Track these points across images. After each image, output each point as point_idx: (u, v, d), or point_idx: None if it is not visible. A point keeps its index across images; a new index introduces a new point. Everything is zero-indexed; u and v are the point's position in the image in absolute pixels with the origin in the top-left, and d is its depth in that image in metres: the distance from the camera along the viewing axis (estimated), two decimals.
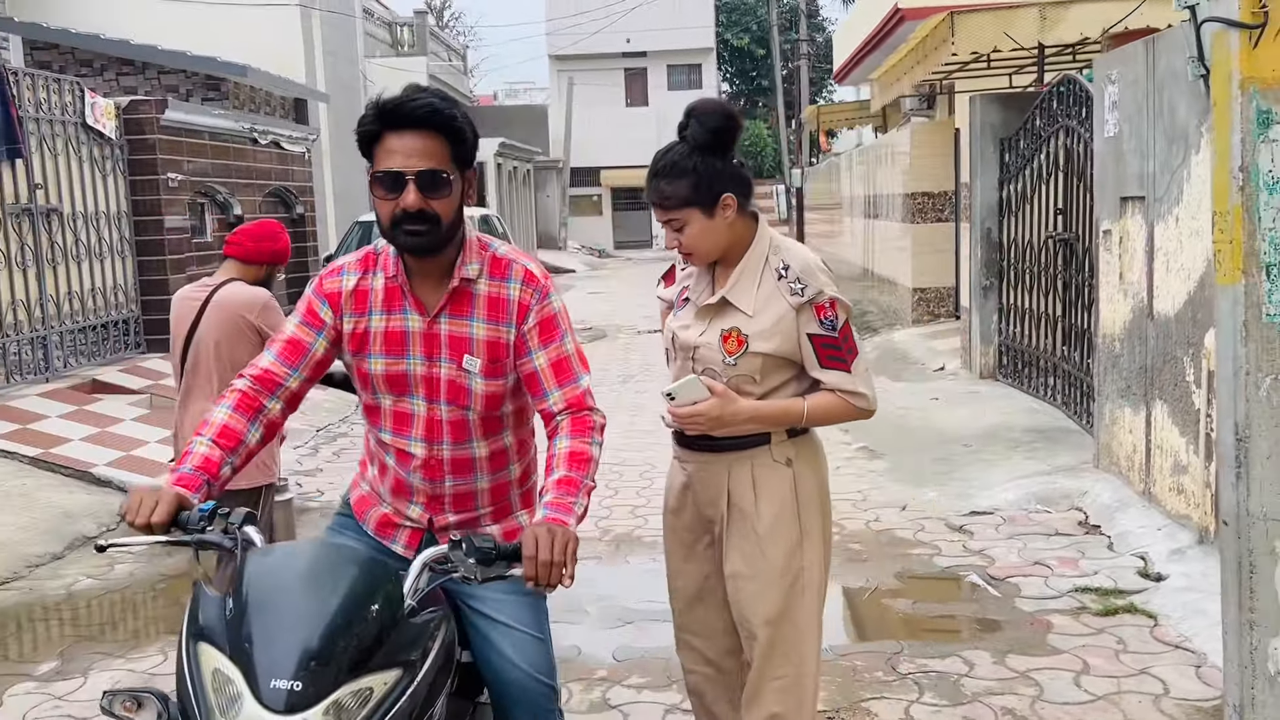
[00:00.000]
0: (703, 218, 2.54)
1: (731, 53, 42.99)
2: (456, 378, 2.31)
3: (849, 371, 2.56)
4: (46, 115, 8.70)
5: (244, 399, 2.27)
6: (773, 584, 2.59)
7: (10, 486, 6.46)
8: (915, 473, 6.80)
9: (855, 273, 18.06)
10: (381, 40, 24.38)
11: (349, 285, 2.34)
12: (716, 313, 2.60)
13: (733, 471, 2.61)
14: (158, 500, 1.99)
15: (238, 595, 1.78)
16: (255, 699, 1.67)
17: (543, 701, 2.36)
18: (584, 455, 2.23)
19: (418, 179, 2.15)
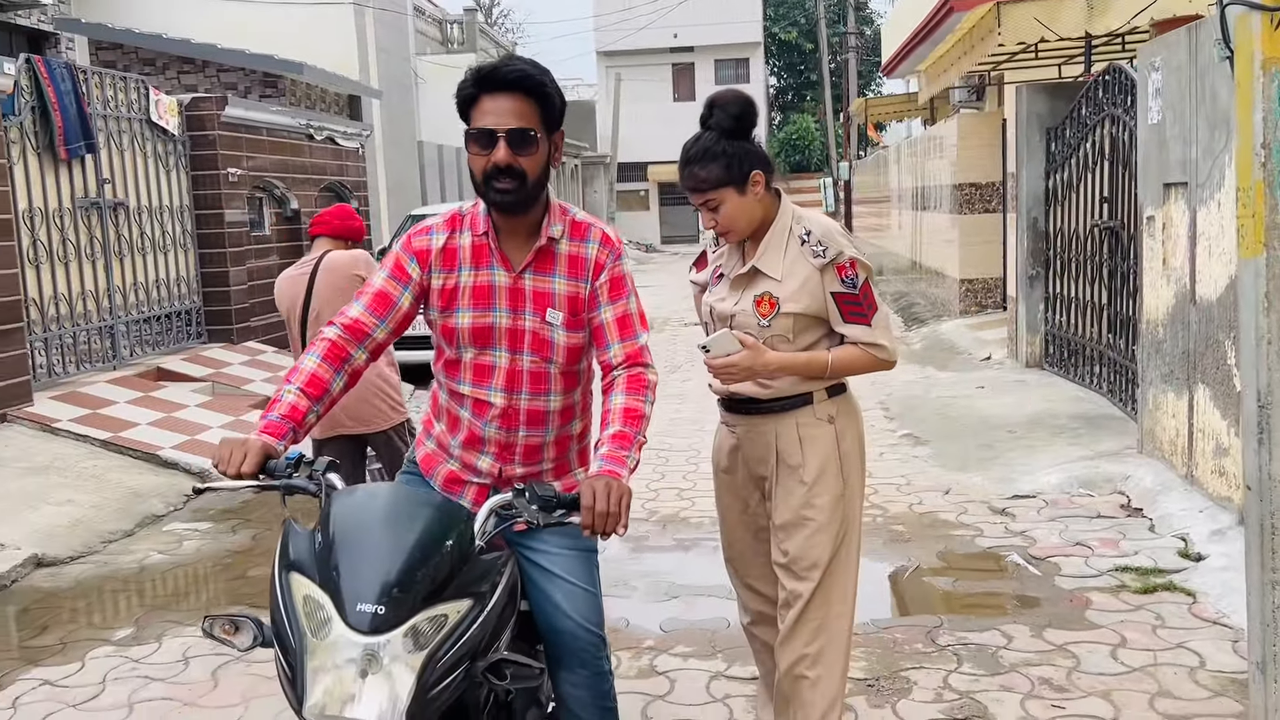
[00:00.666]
0: (736, 196, 2.74)
1: (780, 47, 42.95)
2: (540, 330, 2.46)
3: (869, 325, 2.77)
4: (114, 112, 9.01)
5: (333, 348, 2.41)
6: (820, 532, 2.80)
7: (84, 468, 6.74)
8: (959, 458, 6.88)
9: (903, 265, 18.05)
10: (432, 38, 24.69)
11: (438, 243, 2.49)
12: (749, 281, 2.81)
13: (780, 430, 2.81)
14: (246, 451, 2.16)
15: (325, 531, 1.96)
16: (343, 621, 1.85)
17: (592, 650, 2.51)
18: (637, 412, 2.38)
19: (508, 136, 2.32)
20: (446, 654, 1.89)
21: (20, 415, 7.23)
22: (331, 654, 1.85)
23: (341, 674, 1.84)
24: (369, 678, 1.84)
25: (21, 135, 7.88)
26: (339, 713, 1.82)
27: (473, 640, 1.95)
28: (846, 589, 2.88)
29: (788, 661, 2.85)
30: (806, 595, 2.82)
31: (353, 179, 12.92)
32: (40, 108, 8.06)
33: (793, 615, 2.84)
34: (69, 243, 8.41)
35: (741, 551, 3.05)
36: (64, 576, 5.42)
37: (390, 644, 1.85)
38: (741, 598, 3.14)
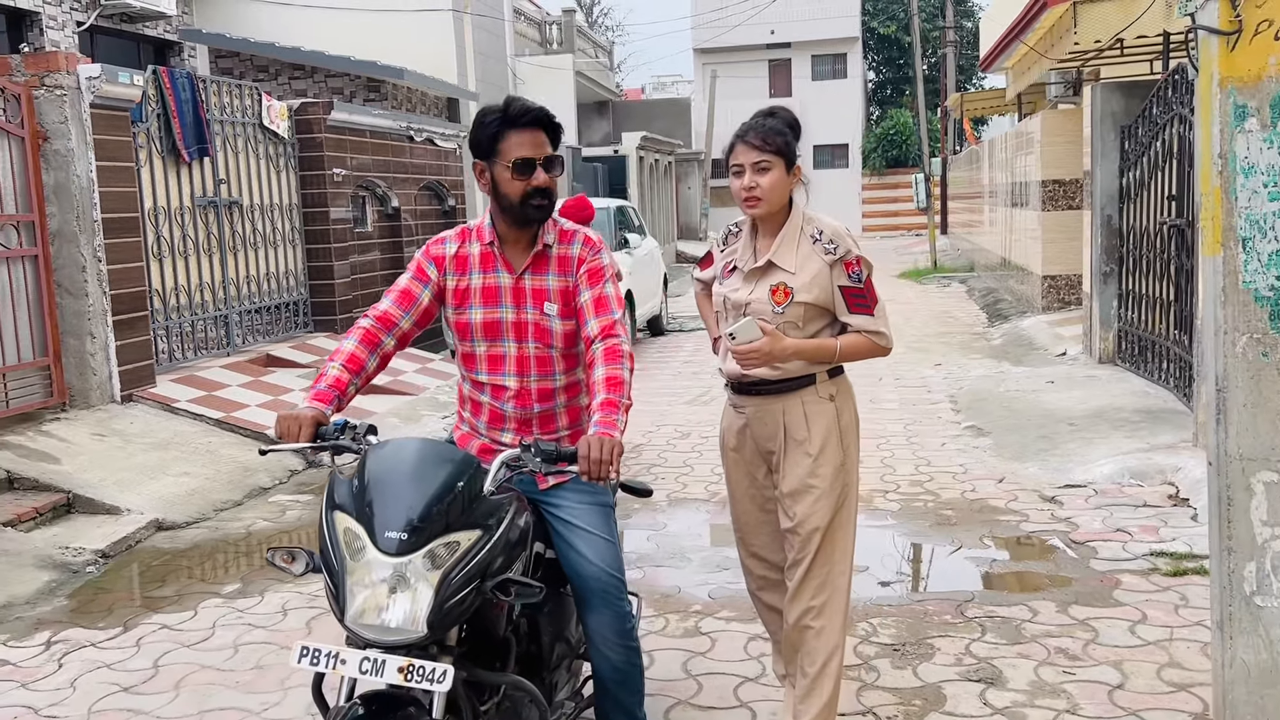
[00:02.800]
0: (783, 172, 3.09)
1: (878, 41, 42.67)
2: (540, 320, 2.93)
3: (872, 315, 3.13)
4: (229, 117, 9.71)
5: (367, 334, 2.90)
6: (824, 497, 3.16)
7: (200, 444, 7.40)
8: (1017, 449, 7.09)
9: (994, 262, 18.01)
10: (531, 39, 25.32)
11: (451, 251, 2.98)
12: (763, 274, 3.16)
13: (787, 408, 3.17)
14: (300, 423, 2.63)
15: (360, 478, 2.41)
16: (375, 546, 2.30)
17: (614, 591, 2.93)
18: (617, 379, 2.77)
19: (544, 163, 2.83)
20: (459, 572, 2.32)
21: (145, 396, 7.93)
22: (367, 573, 2.29)
23: (375, 590, 2.28)
24: (397, 593, 2.28)
25: (148, 140, 8.59)
26: (374, 620, 2.27)
27: (482, 562, 2.37)
28: (846, 548, 3.24)
29: (795, 614, 3.22)
30: (811, 554, 3.17)
31: (450, 178, 13.53)
32: (164, 114, 8.77)
33: (800, 573, 3.20)
34: (189, 238, 9.12)
35: (748, 523, 3.39)
36: (181, 539, 6.04)
37: (412, 563, 2.28)
38: (747, 565, 3.47)
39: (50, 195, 7.34)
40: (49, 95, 7.28)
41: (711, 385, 10.16)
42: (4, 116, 7.01)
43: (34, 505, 6.02)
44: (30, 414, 7.22)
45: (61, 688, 4.14)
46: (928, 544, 5.43)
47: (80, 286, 7.45)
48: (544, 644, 3.01)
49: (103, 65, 7.52)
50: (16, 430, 6.93)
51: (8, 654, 4.49)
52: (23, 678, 4.25)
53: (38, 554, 5.51)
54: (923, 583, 4.89)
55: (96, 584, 5.36)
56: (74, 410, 7.48)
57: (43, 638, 4.64)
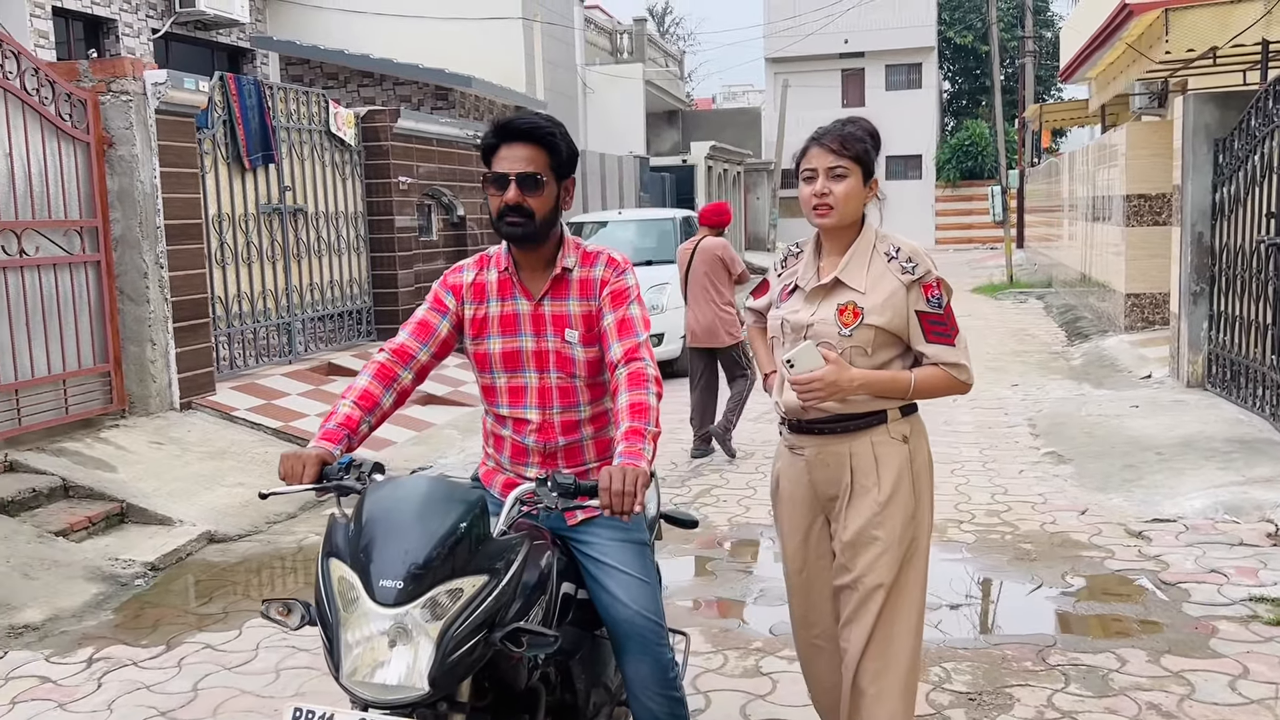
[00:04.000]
0: (859, 181, 2.78)
1: (954, 51, 41.94)
2: (562, 349, 2.72)
3: (953, 345, 2.78)
4: (295, 124, 9.68)
5: (383, 369, 2.72)
6: (891, 549, 2.80)
7: (256, 453, 7.32)
8: (1101, 478, 6.72)
9: (1072, 278, 17.45)
10: (602, 48, 25.26)
11: (468, 279, 2.79)
12: (829, 293, 2.82)
13: (855, 449, 2.82)
14: (304, 464, 2.46)
15: (358, 520, 2.20)
16: (370, 596, 2.09)
17: (650, 636, 2.68)
18: (643, 405, 2.55)
19: (517, 179, 2.60)
20: (463, 623, 2.10)
21: (204, 403, 7.89)
22: (361, 626, 2.08)
23: (372, 644, 2.07)
24: (396, 647, 2.07)
25: (214, 146, 8.58)
26: (371, 678, 2.06)
27: (488, 610, 2.14)
28: (912, 611, 2.86)
29: (850, 676, 2.86)
30: (873, 615, 2.81)
31: None
32: (230, 121, 8.75)
33: (858, 635, 2.83)
34: (252, 245, 9.10)
35: (800, 584, 3.01)
36: (232, 552, 5.93)
37: (410, 614, 2.07)
38: (796, 629, 3.09)
39: (114, 201, 7.32)
40: (115, 101, 7.27)
41: None
42: (70, 122, 7.01)
43: (87, 514, 5.95)
44: (90, 420, 7.20)
45: (98, 709, 4.01)
46: (1005, 580, 5.11)
47: (142, 293, 7.42)
48: (579, 692, 2.78)
49: (168, 71, 7.50)
50: (75, 436, 6.91)
51: (49, 670, 4.39)
52: (61, 697, 4.14)
53: (88, 565, 5.43)
54: (1000, 624, 4.57)
55: (144, 598, 5.26)
56: (133, 417, 7.45)
57: (85, 654, 4.54)
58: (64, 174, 6.97)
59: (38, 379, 6.76)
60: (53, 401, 6.90)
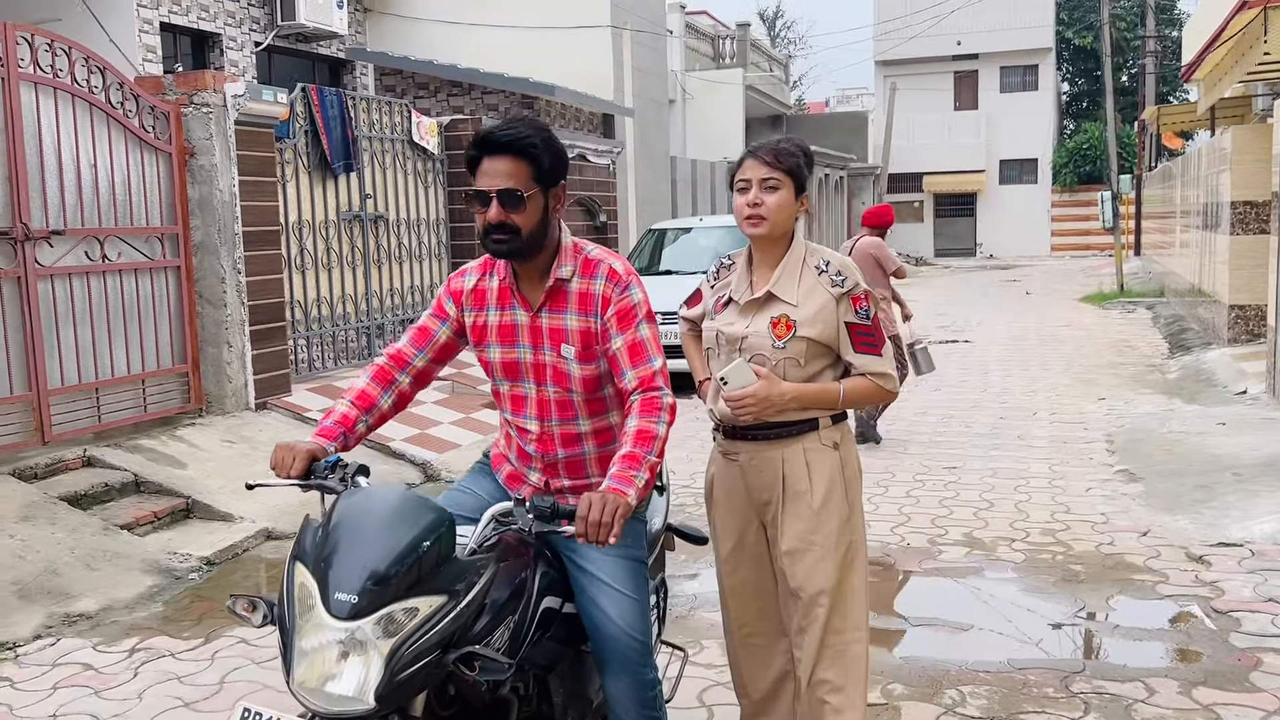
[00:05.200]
0: (790, 194, 2.84)
1: (1073, 52, 40.67)
2: (558, 364, 2.68)
3: (880, 355, 2.84)
4: (378, 134, 9.95)
5: (381, 371, 2.77)
6: (828, 556, 2.85)
7: None
8: (1170, 499, 6.44)
9: (1184, 287, 16.75)
10: (704, 54, 25.27)
11: (469, 285, 2.78)
12: (762, 306, 2.88)
13: (786, 456, 2.86)
14: (295, 457, 2.51)
15: (326, 525, 2.22)
16: (325, 607, 2.10)
17: (634, 657, 2.66)
18: (650, 433, 2.53)
19: (498, 196, 2.54)
20: (415, 643, 2.10)
21: (279, 404, 8.16)
22: (314, 635, 2.10)
23: (324, 654, 2.09)
24: (348, 659, 2.08)
25: (295, 155, 8.87)
26: (318, 688, 2.08)
27: (443, 632, 2.14)
28: (859, 614, 2.90)
29: (808, 685, 2.89)
30: (821, 621, 2.85)
31: (601, 194, 13.53)
32: (313, 131, 9.04)
33: (810, 643, 2.87)
34: (332, 251, 9.37)
35: (734, 585, 3.05)
36: (285, 549, 6.10)
37: (362, 629, 2.07)
38: (729, 627, 3.11)
39: (194, 209, 7.64)
40: (196, 112, 7.58)
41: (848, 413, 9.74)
42: (152, 133, 7.33)
43: (154, 509, 6.22)
44: (169, 418, 7.52)
45: (129, 698, 4.19)
46: (1044, 602, 4.94)
47: (220, 297, 7.72)
48: (556, 705, 2.78)
49: (247, 83, 7.79)
50: (152, 434, 7.22)
51: (93, 659, 4.60)
52: (99, 684, 4.33)
53: (147, 558, 5.67)
54: (1027, 647, 4.43)
55: (195, 591, 5.47)
56: (210, 416, 7.75)
57: (129, 644, 4.75)
58: (146, 183, 7.30)
59: (118, 378, 7.09)
60: (132, 400, 7.23)
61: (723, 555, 3.08)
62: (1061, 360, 12.52)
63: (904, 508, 6.50)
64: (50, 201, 6.60)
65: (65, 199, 6.70)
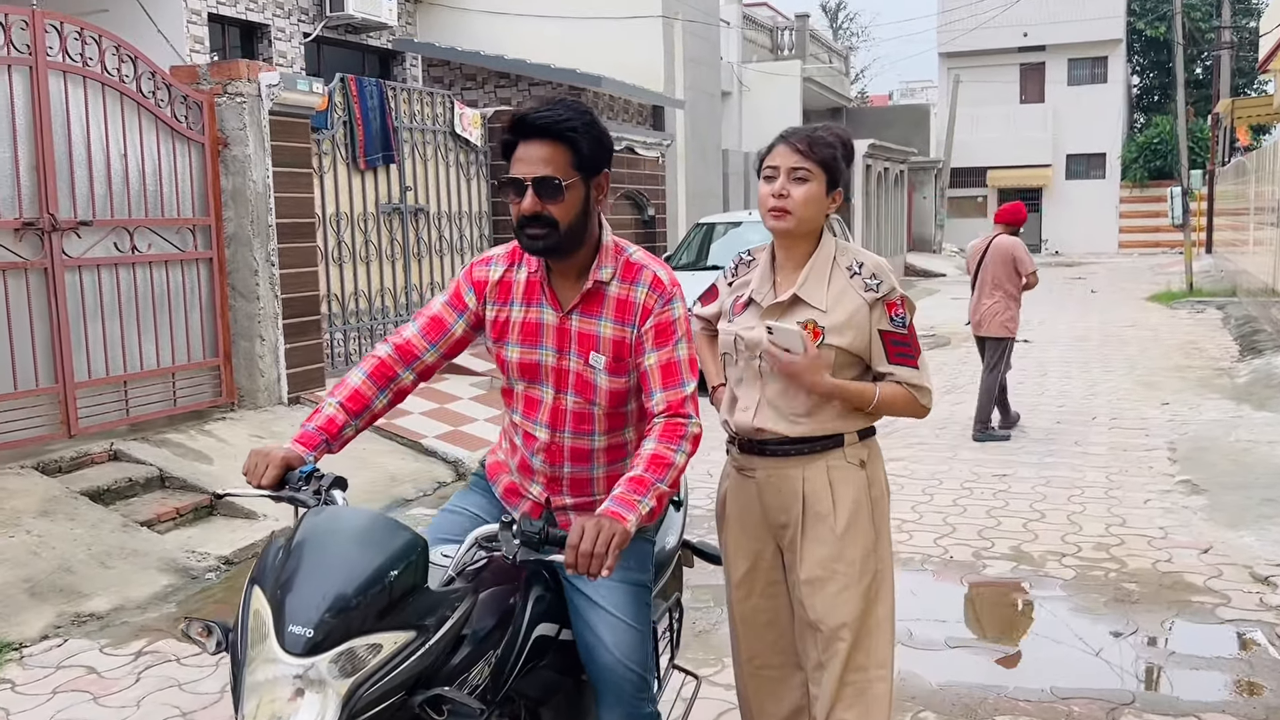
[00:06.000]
0: (820, 187, 2.57)
1: (1144, 43, 39.53)
2: (583, 372, 2.43)
3: (916, 367, 2.58)
4: (419, 125, 9.81)
5: (380, 366, 2.50)
6: (852, 586, 2.59)
7: (351, 449, 7.24)
8: (1235, 513, 6.06)
9: (1257, 286, 16.10)
10: (761, 45, 24.91)
11: (495, 275, 2.51)
12: (787, 310, 2.61)
13: (807, 474, 2.61)
14: (269, 464, 2.29)
15: (288, 547, 2.00)
16: (278, 640, 1.88)
17: (630, 689, 2.43)
18: (665, 460, 2.28)
19: (534, 185, 2.30)
20: (377, 683, 1.88)
21: (312, 398, 8.04)
22: (265, 669, 1.88)
23: (276, 691, 1.86)
24: (303, 697, 1.86)
25: (333, 147, 8.76)
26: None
27: (409, 671, 1.92)
28: (883, 650, 2.65)
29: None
30: (842, 657, 2.60)
31: (650, 187, 13.30)
32: (350, 122, 8.92)
33: (829, 680, 2.62)
34: (370, 244, 9.25)
35: (745, 614, 2.81)
36: None
37: (316, 668, 1.85)
38: (739, 659, 2.87)
39: (227, 200, 7.54)
40: (230, 102, 7.48)
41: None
42: (185, 123, 7.24)
43: (176, 505, 6.12)
44: (201, 412, 7.44)
45: (127, 705, 4.06)
46: (1094, 624, 4.62)
47: (252, 289, 7.62)
48: None
49: (281, 72, 7.67)
50: (181, 428, 7.14)
51: (99, 662, 4.49)
52: (99, 690, 4.21)
53: (164, 556, 5.56)
54: (1075, 675, 4.12)
55: (210, 592, 5.34)
56: (241, 410, 7.66)
57: (137, 647, 4.63)
58: (178, 174, 7.21)
59: (147, 371, 7.01)
60: (162, 393, 7.15)
61: (734, 581, 2.82)
62: (1125, 362, 12.04)
63: (949, 517, 6.19)
64: (79, 192, 6.52)
65: (94, 189, 6.62)
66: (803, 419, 2.58)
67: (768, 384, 2.63)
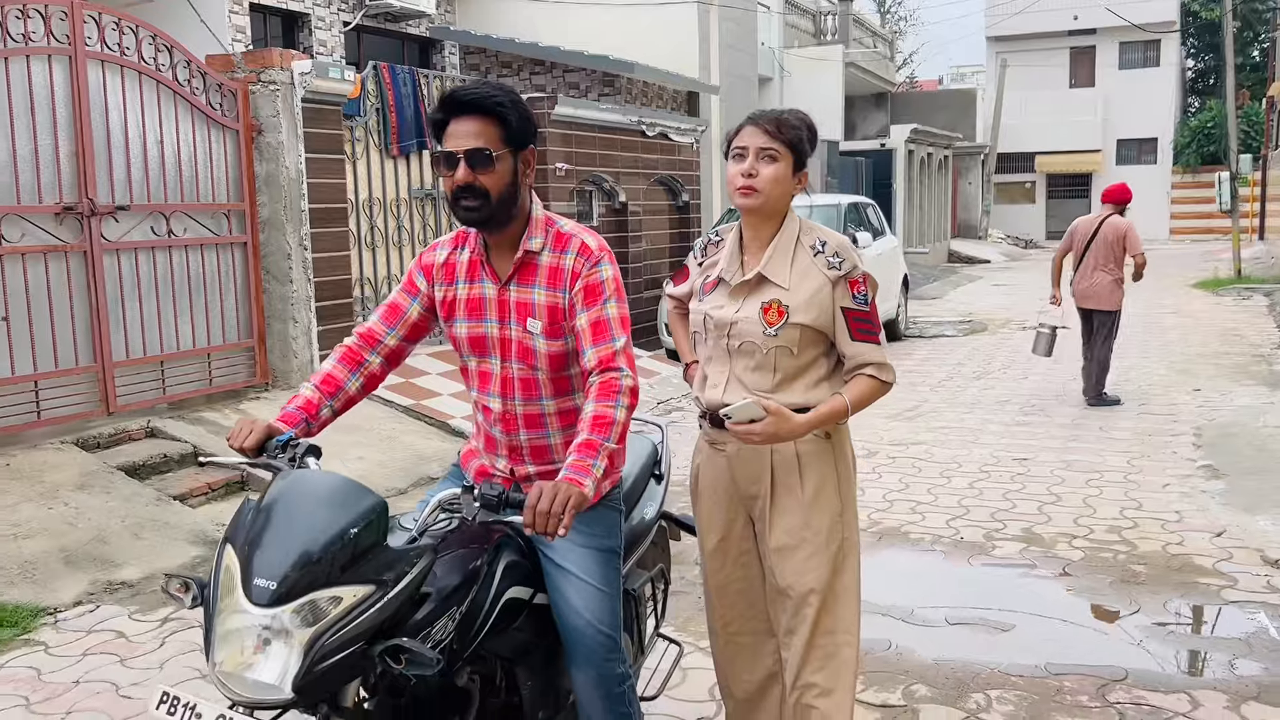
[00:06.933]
0: (788, 168, 2.66)
1: (1199, 27, 38.77)
2: (523, 339, 2.57)
3: (878, 344, 2.66)
4: None
5: (349, 353, 2.68)
6: (819, 553, 2.69)
7: (383, 429, 7.58)
8: (1252, 497, 6.04)
9: None
10: (804, 30, 24.78)
11: (440, 259, 2.67)
12: (752, 289, 2.70)
13: (776, 448, 2.69)
14: (252, 430, 2.44)
15: (258, 507, 2.16)
16: (245, 592, 2.03)
17: (601, 651, 2.55)
18: (606, 419, 2.39)
19: (466, 156, 2.43)
20: (337, 633, 2.02)
21: None
22: (233, 620, 2.02)
23: (243, 640, 2.01)
24: (269, 647, 2.00)
25: (366, 133, 8.93)
26: (237, 673, 2.01)
27: (368, 622, 2.05)
28: (850, 615, 2.75)
29: (795, 688, 2.75)
30: (809, 622, 2.70)
31: (684, 173, 13.35)
32: (384, 109, 9.09)
33: (798, 644, 2.72)
34: (403, 229, 9.43)
35: (719, 583, 2.91)
36: None
37: (279, 618, 1.99)
38: (714, 626, 2.99)
39: (261, 185, 7.74)
40: (263, 90, 7.67)
41: (925, 398, 9.43)
42: (220, 110, 7.44)
43: (208, 481, 6.32)
44: (236, 391, 7.66)
45: (150, 667, 4.24)
46: (1096, 603, 4.66)
47: (285, 273, 7.82)
48: (524, 699, 2.69)
49: (314, 60, 7.84)
50: (217, 407, 7.36)
51: (127, 626, 4.68)
52: (126, 652, 4.40)
53: (195, 529, 5.77)
54: (1068, 652, 4.16)
55: None
56: (275, 390, 7.87)
57: (164, 613, 4.82)
58: (213, 160, 7.41)
59: (183, 352, 7.23)
60: (198, 373, 7.37)
61: (708, 551, 2.93)
62: (1161, 348, 11.93)
63: (964, 500, 6.23)
64: (116, 177, 6.74)
65: (131, 175, 6.84)
66: (771, 394, 2.66)
67: (736, 361, 2.73)
